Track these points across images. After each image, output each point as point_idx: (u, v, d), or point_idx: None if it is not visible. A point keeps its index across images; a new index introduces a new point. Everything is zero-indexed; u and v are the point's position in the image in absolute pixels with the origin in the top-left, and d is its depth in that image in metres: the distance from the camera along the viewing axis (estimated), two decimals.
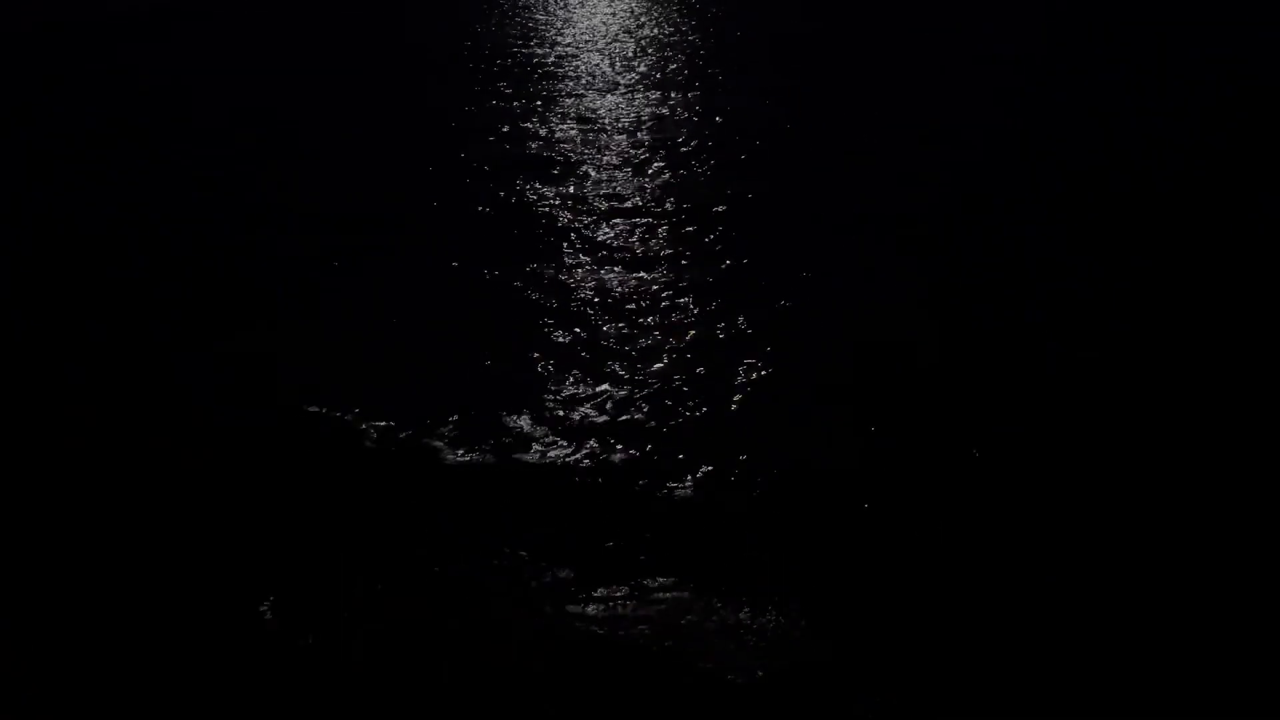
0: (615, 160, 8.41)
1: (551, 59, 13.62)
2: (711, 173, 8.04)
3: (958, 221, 6.68)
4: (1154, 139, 8.31)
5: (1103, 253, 5.98)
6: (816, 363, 4.83)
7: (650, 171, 8.04)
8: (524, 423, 4.36)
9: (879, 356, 4.85)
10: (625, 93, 11.10)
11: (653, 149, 8.68)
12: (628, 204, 7.25)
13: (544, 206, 7.29)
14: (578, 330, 5.27)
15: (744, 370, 4.77)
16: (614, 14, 18.15)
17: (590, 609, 3.28)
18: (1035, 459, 3.98)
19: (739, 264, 6.06)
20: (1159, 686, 2.89)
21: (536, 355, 5.01)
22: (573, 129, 9.58)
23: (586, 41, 15.00)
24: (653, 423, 4.36)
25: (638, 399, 4.54)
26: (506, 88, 11.68)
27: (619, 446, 4.17)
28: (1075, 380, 4.54)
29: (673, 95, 10.98)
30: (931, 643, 3.10)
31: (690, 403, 4.51)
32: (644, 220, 6.89)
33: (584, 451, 4.14)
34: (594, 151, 8.72)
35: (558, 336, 5.22)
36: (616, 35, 15.57)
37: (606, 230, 6.71)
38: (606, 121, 9.81)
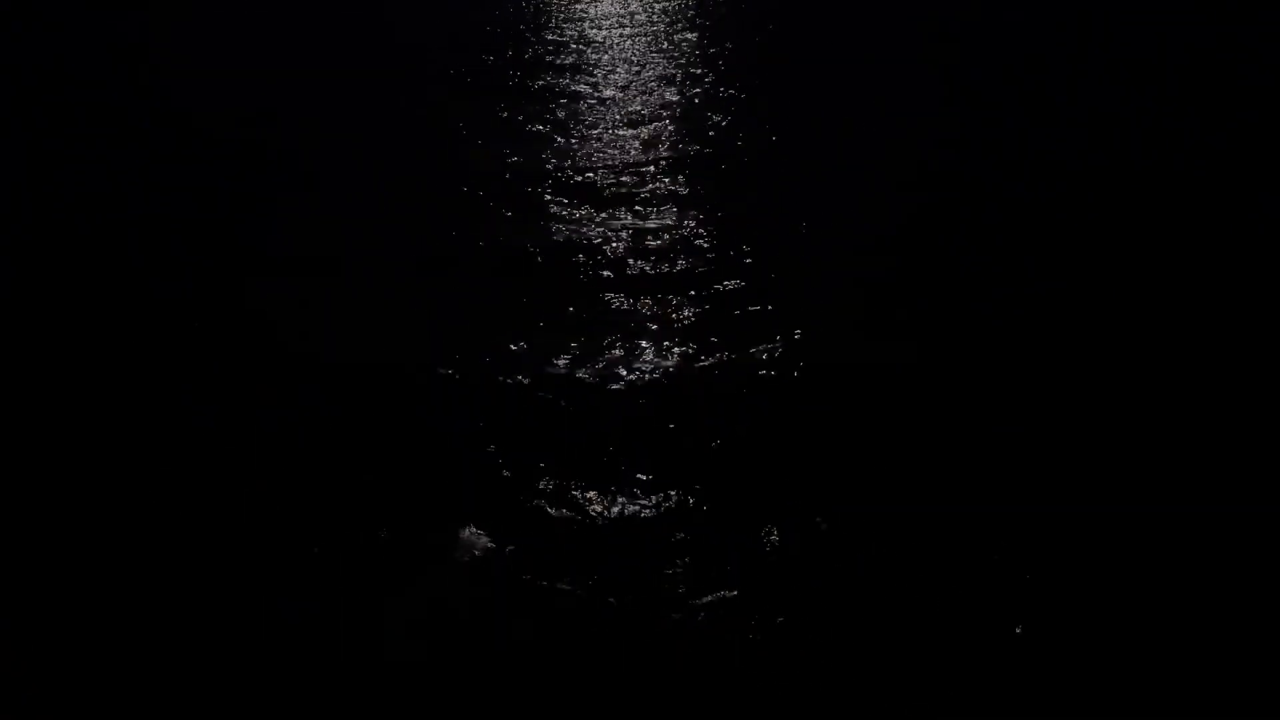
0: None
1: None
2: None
3: (953, 219, 6.67)
4: (1153, 138, 8.30)
5: (1103, 252, 5.98)
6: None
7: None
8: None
9: (865, 357, 4.86)
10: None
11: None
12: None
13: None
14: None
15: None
16: None
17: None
18: (1034, 459, 3.98)
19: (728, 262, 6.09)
20: (1159, 687, 2.90)
21: None
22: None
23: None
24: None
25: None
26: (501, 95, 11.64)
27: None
28: (1073, 381, 4.54)
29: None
30: (929, 641, 3.10)
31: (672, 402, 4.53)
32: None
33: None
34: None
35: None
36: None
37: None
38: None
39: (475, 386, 4.71)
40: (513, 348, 5.07)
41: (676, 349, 5.02)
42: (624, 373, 4.82)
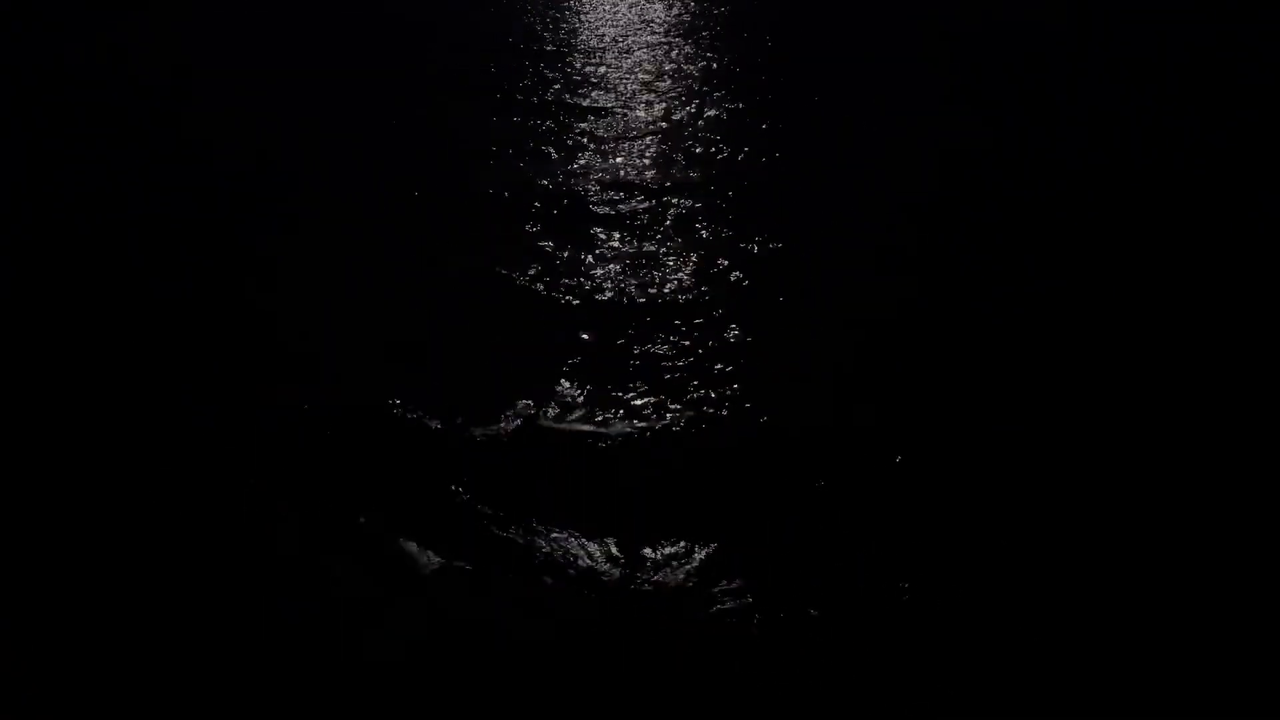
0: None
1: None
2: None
3: (953, 219, 6.68)
4: (1153, 138, 8.30)
5: (1102, 251, 5.98)
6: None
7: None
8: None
9: (866, 356, 4.86)
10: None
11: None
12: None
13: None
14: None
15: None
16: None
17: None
18: (1034, 459, 3.98)
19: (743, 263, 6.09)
20: (1159, 686, 2.89)
21: None
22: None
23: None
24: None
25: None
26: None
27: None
28: (1073, 380, 4.54)
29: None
30: (929, 641, 3.10)
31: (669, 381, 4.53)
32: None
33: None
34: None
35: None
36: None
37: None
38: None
39: (475, 387, 4.71)
40: (510, 350, 5.08)
41: (674, 353, 5.03)
42: (622, 382, 4.82)
